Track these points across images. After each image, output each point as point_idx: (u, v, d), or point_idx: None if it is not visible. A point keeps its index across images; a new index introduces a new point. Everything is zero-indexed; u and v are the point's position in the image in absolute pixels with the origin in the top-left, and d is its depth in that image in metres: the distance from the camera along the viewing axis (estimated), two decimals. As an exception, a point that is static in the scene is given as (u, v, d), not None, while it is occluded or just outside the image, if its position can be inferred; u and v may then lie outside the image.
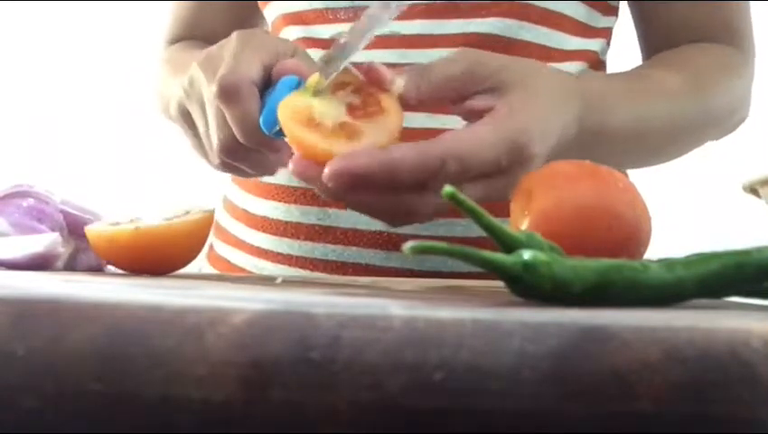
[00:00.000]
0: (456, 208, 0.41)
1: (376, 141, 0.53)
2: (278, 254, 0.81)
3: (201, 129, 0.66)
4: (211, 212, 0.63)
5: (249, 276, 0.78)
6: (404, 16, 0.78)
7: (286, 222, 0.80)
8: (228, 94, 0.60)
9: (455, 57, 0.59)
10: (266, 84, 0.62)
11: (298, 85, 0.59)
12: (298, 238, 0.80)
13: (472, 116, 0.58)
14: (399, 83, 0.57)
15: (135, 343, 0.31)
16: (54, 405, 0.31)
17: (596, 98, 0.67)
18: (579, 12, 0.80)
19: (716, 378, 0.30)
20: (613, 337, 0.31)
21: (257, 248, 0.83)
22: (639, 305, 0.41)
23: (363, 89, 0.57)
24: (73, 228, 0.65)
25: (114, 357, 0.31)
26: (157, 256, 0.60)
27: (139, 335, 0.31)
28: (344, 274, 0.77)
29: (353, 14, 0.80)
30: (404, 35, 0.78)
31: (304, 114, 0.55)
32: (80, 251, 0.65)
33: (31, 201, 0.64)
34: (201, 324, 0.32)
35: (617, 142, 0.70)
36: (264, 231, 0.83)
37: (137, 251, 0.59)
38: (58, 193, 0.67)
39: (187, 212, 0.62)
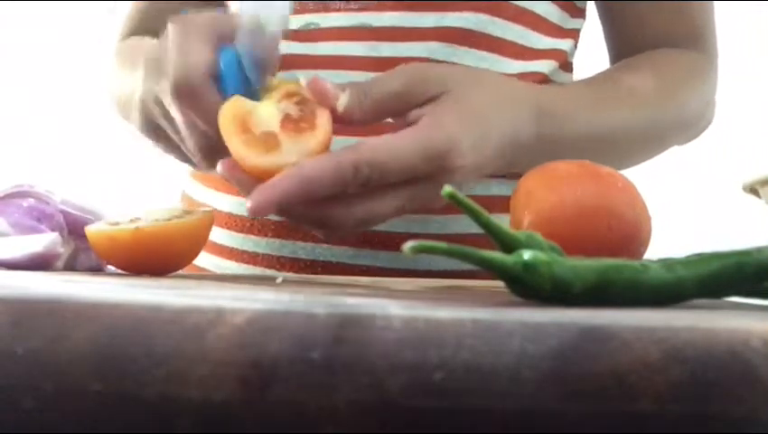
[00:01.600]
0: (456, 207, 0.41)
1: (289, 159, 0.55)
2: (243, 252, 0.80)
3: (175, 138, 0.65)
4: (212, 213, 0.63)
5: (249, 275, 0.78)
6: (376, 8, 0.77)
7: (253, 219, 0.79)
8: (184, 97, 0.59)
9: (396, 73, 0.60)
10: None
11: (237, 58, 0.59)
12: (266, 235, 0.78)
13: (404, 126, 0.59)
14: (343, 100, 0.57)
15: (135, 343, 0.31)
16: (54, 405, 0.31)
17: (553, 105, 0.68)
18: (550, 12, 0.81)
19: (716, 378, 0.30)
20: (613, 337, 0.31)
21: (220, 246, 0.82)
22: (639, 305, 0.41)
23: (306, 102, 0.58)
24: (73, 228, 0.65)
25: (114, 357, 0.31)
26: (157, 256, 0.60)
27: (139, 335, 0.31)
28: (314, 273, 0.76)
29: (322, 6, 0.80)
30: (375, 27, 0.77)
31: (240, 118, 0.56)
32: (80, 251, 0.65)
33: (31, 201, 0.64)
34: (201, 324, 0.32)
35: (578, 149, 0.70)
36: (228, 229, 0.81)
37: (137, 251, 0.59)
38: (58, 193, 0.67)
39: (188, 213, 0.62)
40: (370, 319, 0.31)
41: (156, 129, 0.68)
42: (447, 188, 0.40)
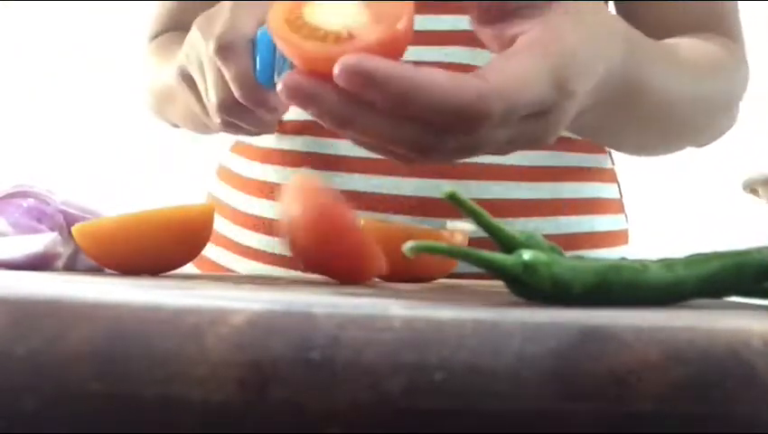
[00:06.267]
0: (456, 208, 0.41)
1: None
2: (272, 255, 0.80)
3: (201, 88, 0.67)
4: (202, 207, 0.61)
5: (251, 276, 0.78)
6: None
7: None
8: (224, 52, 0.62)
9: None
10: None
11: (272, 43, 0.60)
12: None
13: (503, 40, 0.49)
14: None
15: (135, 343, 0.31)
16: (54, 405, 0.31)
17: (639, 50, 0.57)
18: None
19: (716, 378, 0.30)
20: (613, 337, 0.31)
21: (247, 247, 0.82)
22: (639, 305, 0.41)
23: None
24: (73, 228, 0.65)
25: (114, 357, 0.31)
26: (137, 251, 0.58)
27: (139, 336, 0.31)
28: None
29: None
30: None
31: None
32: (80, 251, 0.65)
33: (31, 201, 0.64)
34: (201, 324, 0.32)
35: (653, 104, 0.63)
36: (256, 231, 0.81)
37: (117, 246, 0.58)
38: (58, 193, 0.66)
39: (184, 208, 0.60)
40: (370, 319, 0.31)
41: (188, 78, 0.70)
42: (448, 188, 0.40)
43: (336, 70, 0.42)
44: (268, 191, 0.81)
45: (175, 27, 0.93)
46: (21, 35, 2.13)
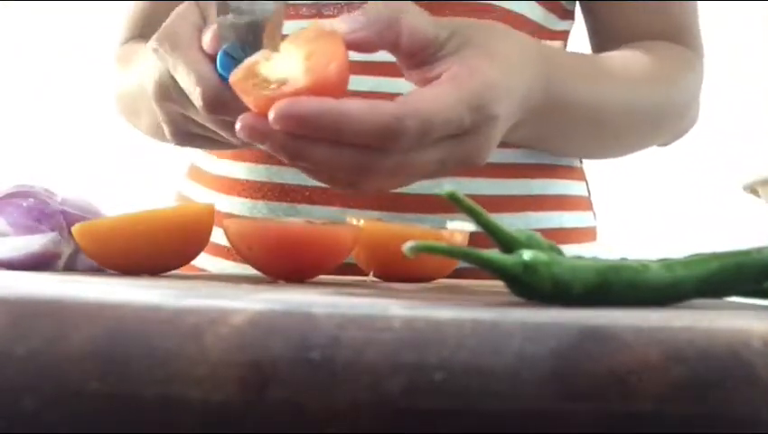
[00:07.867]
0: (456, 207, 0.41)
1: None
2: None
3: (216, 136, 0.65)
4: (203, 207, 0.61)
5: (250, 275, 0.78)
6: None
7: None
8: (216, 111, 0.60)
9: (424, 19, 0.56)
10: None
11: (230, 58, 0.59)
12: None
13: (428, 81, 0.55)
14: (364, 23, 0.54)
15: (135, 343, 0.31)
16: (54, 405, 0.31)
17: (560, 67, 0.66)
18: (536, 14, 0.81)
19: (716, 378, 0.30)
20: (613, 337, 0.31)
21: (217, 245, 0.81)
22: (639, 305, 0.41)
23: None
24: (73, 228, 0.64)
25: (114, 357, 0.31)
26: (137, 251, 0.58)
27: (139, 336, 0.31)
28: None
29: (316, 10, 0.79)
30: None
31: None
32: (80, 251, 0.65)
33: (31, 201, 0.64)
34: (200, 324, 0.32)
35: (578, 117, 0.70)
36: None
37: (117, 246, 0.58)
38: (58, 193, 0.66)
39: (184, 208, 0.61)
40: (370, 319, 0.31)
41: (190, 136, 0.67)
42: (447, 188, 0.40)
43: (270, 116, 0.48)
44: (240, 188, 0.81)
45: (146, 32, 0.92)
46: (21, 35, 2.13)
